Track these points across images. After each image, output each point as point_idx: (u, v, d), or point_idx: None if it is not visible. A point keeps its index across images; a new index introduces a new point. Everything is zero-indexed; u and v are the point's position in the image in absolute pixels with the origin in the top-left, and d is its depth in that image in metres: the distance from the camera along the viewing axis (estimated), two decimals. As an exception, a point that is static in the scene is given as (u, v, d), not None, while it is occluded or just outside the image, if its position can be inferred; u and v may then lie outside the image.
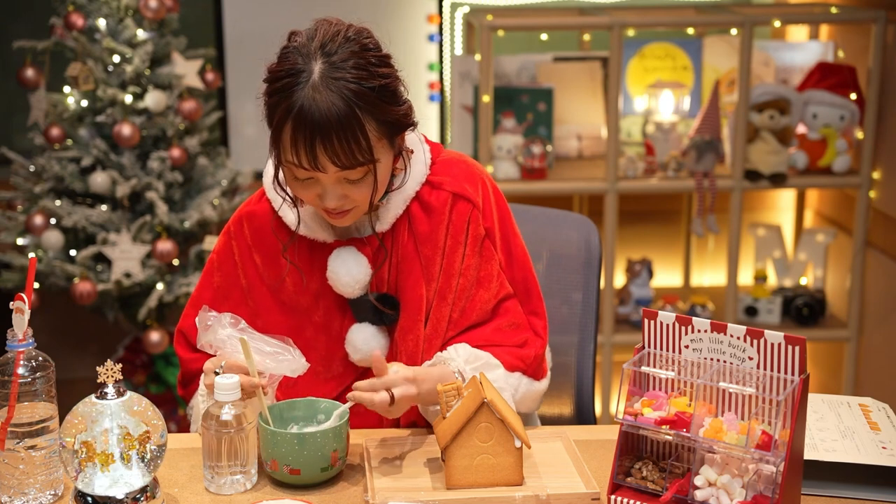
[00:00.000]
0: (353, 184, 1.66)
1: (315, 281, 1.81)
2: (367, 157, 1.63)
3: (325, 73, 1.60)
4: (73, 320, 3.90)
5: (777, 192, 3.99)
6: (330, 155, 1.60)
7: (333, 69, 1.60)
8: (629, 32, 3.53)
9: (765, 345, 1.48)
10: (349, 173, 1.64)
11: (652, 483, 1.54)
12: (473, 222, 1.80)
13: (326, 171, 1.63)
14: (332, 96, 1.58)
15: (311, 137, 1.59)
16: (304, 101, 1.58)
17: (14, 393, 1.53)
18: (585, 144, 3.72)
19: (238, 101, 3.90)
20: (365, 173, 1.65)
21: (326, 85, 1.59)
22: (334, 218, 1.72)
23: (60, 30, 3.41)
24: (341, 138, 1.59)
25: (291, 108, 1.59)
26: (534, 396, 1.86)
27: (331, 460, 1.61)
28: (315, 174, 1.64)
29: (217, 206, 3.47)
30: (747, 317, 3.65)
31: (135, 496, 1.51)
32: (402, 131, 1.71)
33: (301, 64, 1.61)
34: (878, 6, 3.41)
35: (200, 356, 1.79)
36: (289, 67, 1.61)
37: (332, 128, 1.58)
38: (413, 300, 1.80)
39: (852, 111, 3.47)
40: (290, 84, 1.60)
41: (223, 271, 1.85)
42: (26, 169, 3.47)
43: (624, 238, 3.80)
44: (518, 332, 1.83)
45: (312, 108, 1.58)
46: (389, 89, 1.65)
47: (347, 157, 1.61)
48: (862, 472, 1.61)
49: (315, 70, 1.60)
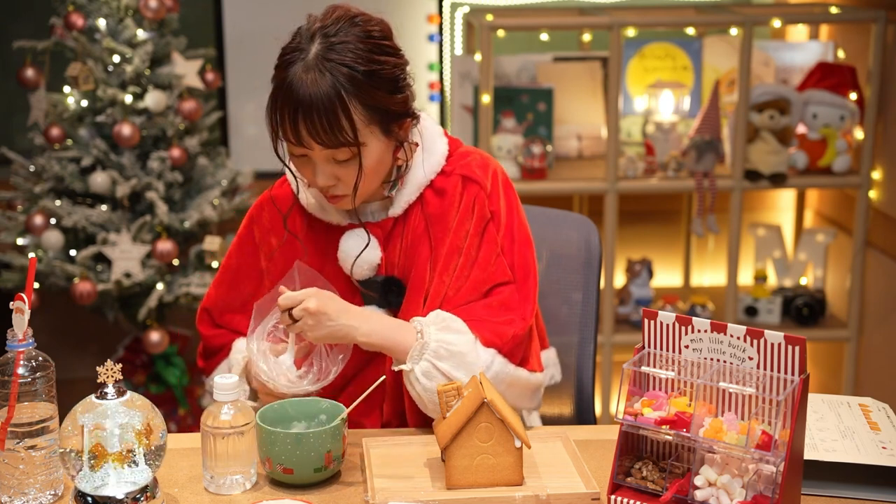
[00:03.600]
0: (341, 164, 1.71)
1: (328, 264, 1.84)
2: (350, 140, 1.67)
3: (319, 54, 1.66)
4: (73, 320, 3.90)
5: (777, 192, 3.99)
6: (311, 133, 1.66)
7: (329, 50, 1.66)
8: (629, 32, 3.53)
9: (765, 345, 1.48)
10: (335, 153, 1.69)
11: (652, 483, 1.54)
12: (479, 204, 1.82)
13: (312, 148, 1.68)
14: (319, 76, 1.64)
15: (293, 114, 1.65)
16: (293, 77, 1.65)
17: (14, 393, 1.53)
18: (585, 144, 3.72)
19: (238, 101, 3.90)
20: (352, 155, 1.69)
21: (318, 63, 1.65)
22: (331, 201, 1.77)
23: (60, 30, 3.41)
24: (322, 117, 1.64)
25: (283, 83, 1.67)
26: (517, 385, 1.80)
27: (325, 461, 1.61)
28: (306, 151, 1.70)
29: (217, 206, 3.47)
30: (747, 317, 3.65)
31: (135, 496, 1.51)
32: (395, 121, 1.73)
33: (302, 43, 1.67)
34: (878, 6, 3.41)
35: (223, 332, 1.90)
36: (292, 46, 1.69)
37: (314, 106, 1.64)
38: (419, 283, 1.81)
39: (852, 111, 3.47)
40: (288, 61, 1.68)
41: (243, 252, 1.91)
42: (26, 169, 3.47)
43: (624, 238, 3.80)
44: (505, 313, 1.80)
45: (299, 86, 1.65)
46: (384, 77, 1.68)
47: (328, 136, 1.66)
48: (862, 472, 1.61)
49: (312, 50, 1.66)
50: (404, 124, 1.75)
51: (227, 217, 3.56)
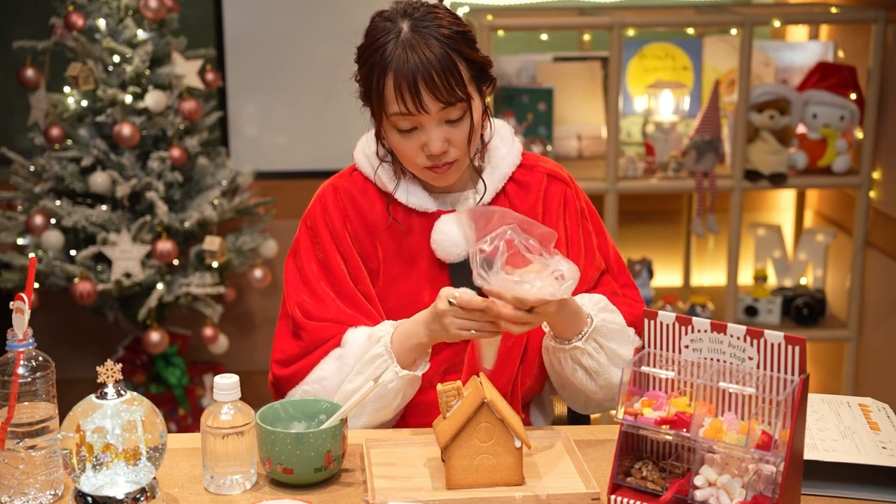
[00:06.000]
0: (453, 125, 1.77)
1: (408, 248, 1.87)
2: (465, 93, 1.75)
3: (413, 26, 1.74)
4: (73, 320, 3.90)
5: (777, 192, 3.99)
6: (433, 91, 1.72)
7: (419, 22, 1.75)
8: (629, 32, 3.53)
9: (765, 345, 1.48)
10: (450, 111, 1.75)
11: (652, 483, 1.54)
12: (570, 199, 1.93)
13: (430, 110, 1.73)
14: (425, 40, 1.73)
15: (412, 82, 1.71)
16: (399, 50, 1.73)
17: (14, 393, 1.53)
18: (585, 144, 3.72)
19: (238, 101, 3.90)
20: (463, 112, 1.77)
21: (417, 33, 1.73)
22: (439, 172, 1.80)
23: (60, 30, 3.41)
24: (440, 75, 1.72)
25: (388, 60, 1.73)
26: None
27: (325, 461, 1.61)
28: (418, 119, 1.75)
29: (217, 206, 3.47)
30: (747, 317, 3.65)
31: (135, 496, 1.51)
32: (486, 81, 1.83)
33: (388, 27, 1.75)
34: (878, 6, 3.41)
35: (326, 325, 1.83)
36: (377, 34, 1.75)
37: (431, 66, 1.71)
38: None
39: (852, 111, 3.47)
40: (381, 43, 1.74)
41: (320, 244, 1.89)
42: (26, 169, 3.47)
43: (624, 238, 3.80)
44: (618, 299, 1.91)
45: (409, 54, 1.72)
46: (470, 36, 1.79)
47: (448, 91, 1.73)
48: (862, 472, 1.61)
49: (404, 26, 1.74)
50: (490, 86, 1.85)
51: (227, 217, 3.56)
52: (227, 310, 3.88)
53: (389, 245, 1.87)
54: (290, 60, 3.87)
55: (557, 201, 1.91)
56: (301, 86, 3.89)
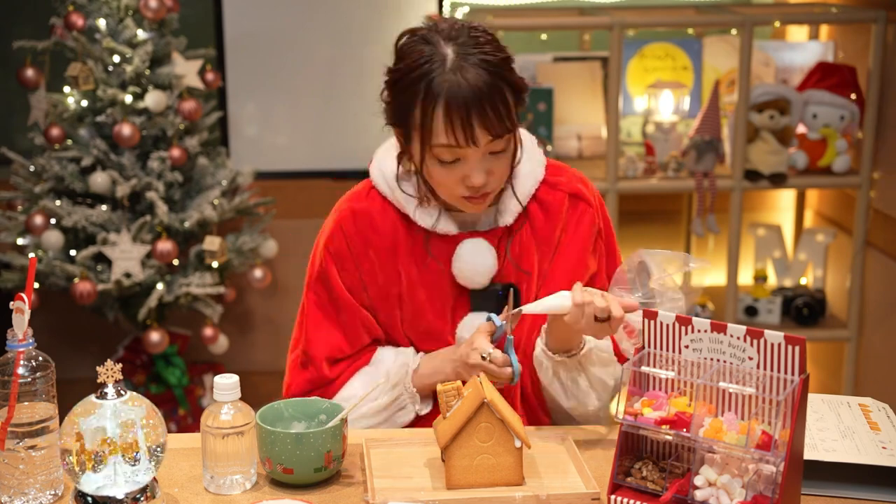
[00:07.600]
0: (496, 156, 1.73)
1: (429, 273, 1.84)
2: (512, 124, 1.71)
3: (459, 53, 1.67)
4: (73, 320, 3.90)
5: (777, 192, 3.99)
6: (486, 124, 1.67)
7: (464, 48, 1.68)
8: (629, 32, 3.53)
9: (765, 345, 1.48)
10: (495, 144, 1.70)
11: (652, 483, 1.54)
12: (588, 220, 1.89)
13: (479, 143, 1.68)
14: (475, 70, 1.66)
15: (466, 112, 1.65)
16: (450, 81, 1.66)
17: (14, 393, 1.53)
18: (585, 144, 3.72)
19: (238, 101, 3.90)
20: (507, 144, 1.73)
21: (466, 61, 1.66)
22: (475, 202, 1.76)
23: (60, 30, 3.41)
24: (492, 107, 1.67)
25: (439, 90, 1.66)
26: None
27: (325, 461, 1.61)
28: (464, 152, 1.70)
29: (217, 206, 3.47)
30: (747, 317, 3.65)
31: (135, 496, 1.51)
32: (521, 103, 1.76)
33: (429, 52, 1.68)
34: (878, 6, 3.41)
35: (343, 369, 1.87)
36: (419, 57, 1.68)
37: (484, 97, 1.66)
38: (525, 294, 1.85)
39: (852, 111, 3.47)
40: (427, 71, 1.67)
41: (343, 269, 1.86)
42: (26, 169, 3.47)
43: (624, 238, 3.78)
44: None
45: (462, 85, 1.65)
46: (511, 60, 1.73)
47: (500, 124, 1.68)
48: (862, 472, 1.61)
49: (448, 52, 1.68)
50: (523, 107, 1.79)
51: (227, 217, 3.56)
52: (227, 310, 3.88)
53: (411, 269, 1.85)
54: (290, 60, 3.87)
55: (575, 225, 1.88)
56: (301, 86, 3.89)
